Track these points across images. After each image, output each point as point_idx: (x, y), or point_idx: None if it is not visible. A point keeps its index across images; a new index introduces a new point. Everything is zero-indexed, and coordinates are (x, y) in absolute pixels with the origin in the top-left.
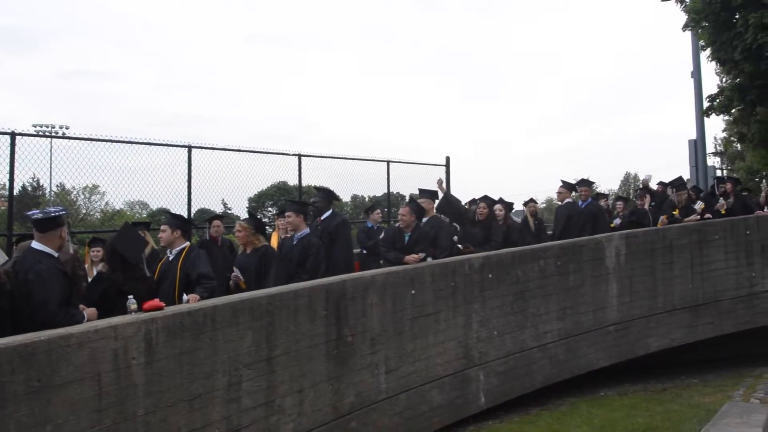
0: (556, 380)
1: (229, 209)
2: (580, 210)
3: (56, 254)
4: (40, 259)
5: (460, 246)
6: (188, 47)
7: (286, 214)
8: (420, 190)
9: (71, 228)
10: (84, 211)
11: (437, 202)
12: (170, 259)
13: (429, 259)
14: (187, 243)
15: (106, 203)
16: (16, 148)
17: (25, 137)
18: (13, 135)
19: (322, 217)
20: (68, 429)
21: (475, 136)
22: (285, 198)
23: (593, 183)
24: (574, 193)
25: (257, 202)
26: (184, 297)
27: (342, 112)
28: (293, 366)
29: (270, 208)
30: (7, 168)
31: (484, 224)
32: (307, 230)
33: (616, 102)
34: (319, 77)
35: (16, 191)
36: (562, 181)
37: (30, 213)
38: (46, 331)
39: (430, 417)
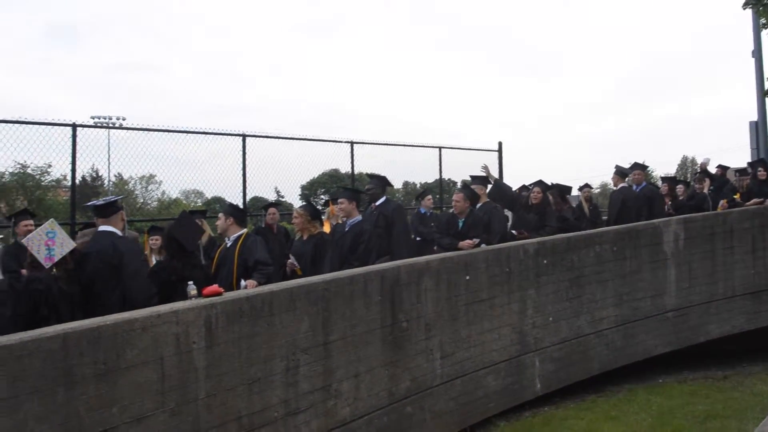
0: (612, 367)
1: (282, 197)
2: (635, 194)
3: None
4: (113, 240)
5: (513, 232)
6: (229, 36)
7: (339, 200)
8: (472, 176)
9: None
10: (141, 201)
11: (489, 188)
12: (228, 246)
13: (483, 245)
14: (244, 230)
15: (163, 192)
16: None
17: (84, 129)
18: (74, 126)
19: (377, 203)
20: (134, 411)
21: (527, 121)
22: (337, 185)
23: (647, 167)
24: (628, 178)
25: (309, 190)
26: (242, 283)
27: (390, 99)
28: (349, 351)
29: (322, 196)
30: (67, 159)
31: (538, 209)
32: (359, 217)
33: (673, 84)
34: (364, 64)
35: (76, 182)
36: (617, 167)
37: (91, 203)
38: (111, 316)
39: (486, 402)
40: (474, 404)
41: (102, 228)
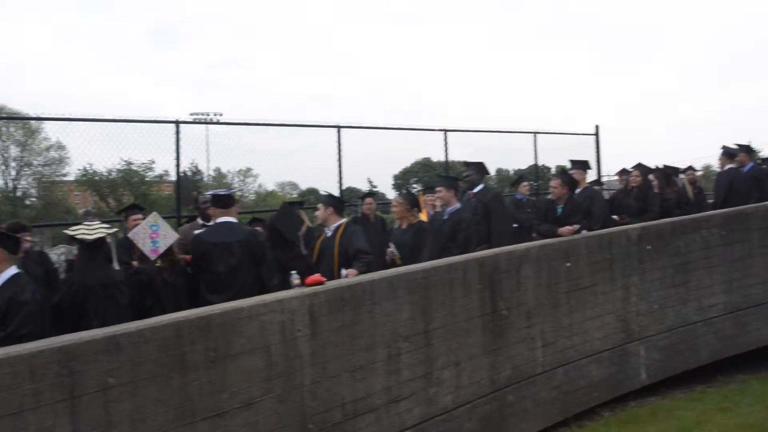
0: (722, 356)
1: (375, 187)
2: (743, 175)
3: None
4: (241, 227)
5: (615, 217)
6: (318, 28)
7: (437, 189)
8: (571, 161)
9: None
10: (239, 193)
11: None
12: (328, 235)
13: (583, 232)
14: (344, 220)
15: (259, 185)
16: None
17: (183, 125)
18: (177, 123)
19: (475, 191)
20: (243, 396)
21: (623, 103)
22: (429, 174)
23: (754, 151)
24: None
25: (402, 179)
26: (343, 272)
27: (481, 87)
28: (450, 339)
29: (415, 185)
30: (169, 155)
31: (639, 194)
32: (457, 205)
33: None
34: (453, 53)
35: (175, 177)
36: (724, 147)
37: (213, 192)
38: (219, 305)
39: (589, 392)
40: (576, 393)
41: (223, 219)
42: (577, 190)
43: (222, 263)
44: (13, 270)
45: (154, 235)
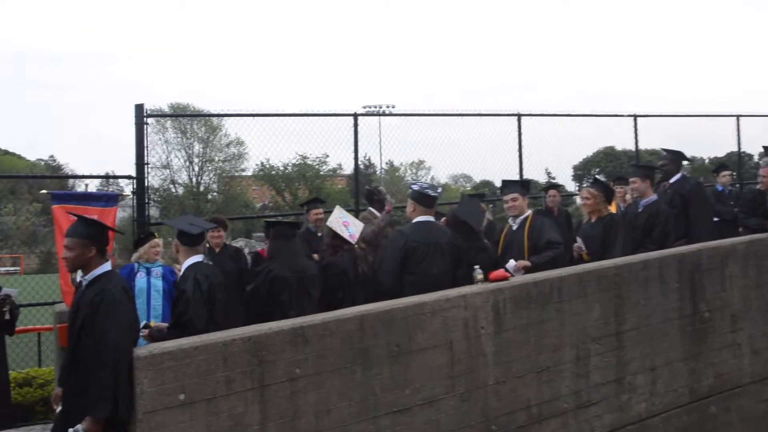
0: None
1: (553, 178)
2: None
3: None
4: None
5: None
6: (488, 15)
7: (631, 179)
8: None
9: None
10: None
11: None
12: (514, 228)
13: None
14: (530, 211)
15: (432, 177)
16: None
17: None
18: (355, 116)
19: (671, 181)
20: (425, 393)
21: None
22: (613, 164)
23: None
24: None
25: (582, 170)
26: (511, 263)
27: (674, 67)
28: (644, 342)
29: (596, 176)
30: (341, 148)
31: None
32: (654, 197)
33: None
34: (641, 29)
35: (350, 170)
36: None
37: (421, 190)
38: (402, 299)
39: None
40: None
41: (424, 218)
42: None
43: (435, 266)
44: (193, 259)
45: (346, 224)
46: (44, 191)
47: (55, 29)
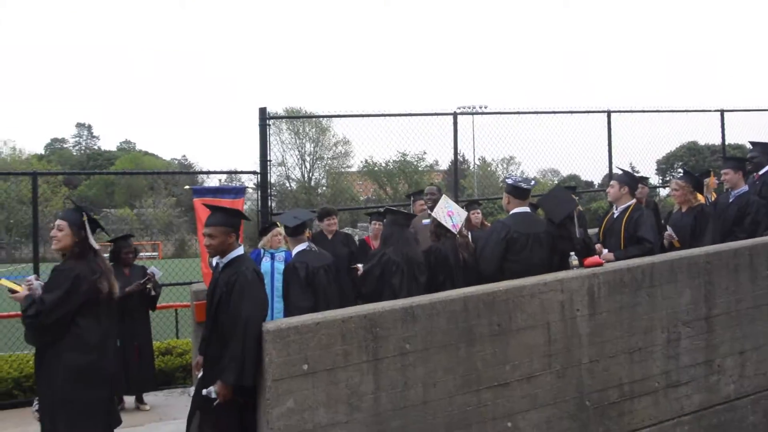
0: None
1: (638, 172)
2: None
3: None
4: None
5: None
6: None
7: (723, 171)
8: None
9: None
10: (502, 181)
11: None
12: (615, 216)
13: None
14: (633, 201)
15: (522, 172)
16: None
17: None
18: (455, 115)
19: (761, 173)
20: (524, 370)
21: None
22: (696, 158)
23: None
24: None
25: (665, 164)
26: (604, 251)
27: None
28: (733, 326)
29: (679, 170)
30: (439, 145)
31: None
32: (745, 188)
33: None
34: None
35: (446, 166)
36: None
37: (514, 183)
38: (502, 282)
39: None
40: None
41: (521, 209)
42: None
43: (535, 255)
44: (299, 247)
45: (450, 212)
46: (187, 187)
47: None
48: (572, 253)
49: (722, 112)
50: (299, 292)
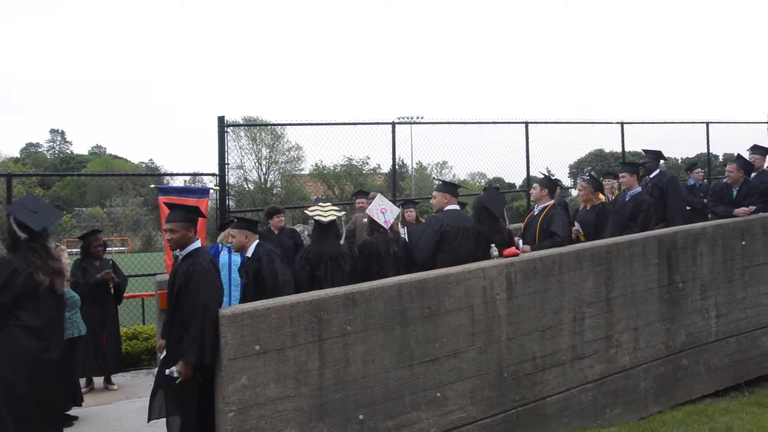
0: None
1: (553, 176)
2: None
3: None
4: (467, 215)
5: None
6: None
7: (621, 174)
8: (754, 145)
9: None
10: (436, 183)
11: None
12: (534, 214)
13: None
14: (551, 202)
15: (453, 175)
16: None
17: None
18: (393, 124)
19: (651, 176)
20: (451, 347)
21: None
22: (602, 164)
23: None
24: None
25: (577, 168)
26: (521, 244)
27: (653, 79)
28: (629, 306)
29: (589, 174)
30: (380, 151)
31: None
32: (639, 188)
33: None
34: (625, 46)
35: (387, 169)
36: None
37: (444, 181)
38: (432, 271)
39: (761, 361)
40: (749, 362)
41: (453, 207)
42: (753, 174)
43: (464, 246)
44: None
45: (384, 210)
46: (152, 186)
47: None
48: (493, 245)
49: (622, 124)
50: (284, 268)
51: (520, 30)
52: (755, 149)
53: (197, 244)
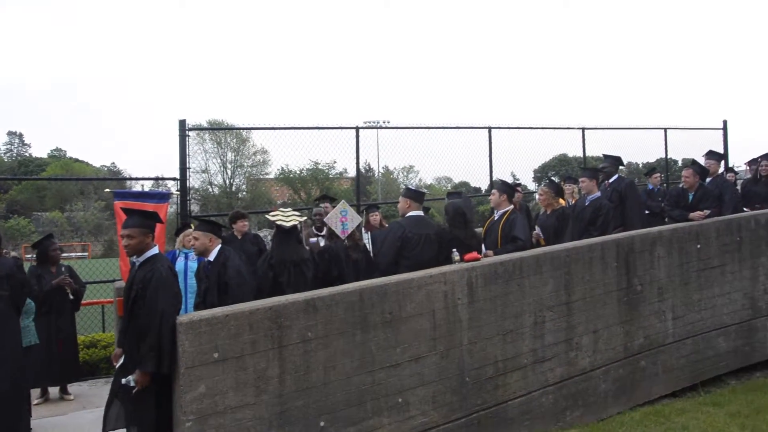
0: None
1: (517, 179)
2: None
3: None
4: (431, 221)
5: (746, 209)
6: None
7: (581, 179)
8: (709, 151)
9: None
10: (402, 187)
11: None
12: (495, 219)
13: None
14: (511, 206)
15: (420, 179)
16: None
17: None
18: (357, 129)
19: (610, 181)
20: (413, 352)
21: (753, 96)
22: (565, 168)
23: None
24: None
25: (541, 173)
26: (483, 251)
27: (618, 84)
28: (589, 310)
29: (553, 178)
30: (347, 155)
31: None
32: (598, 193)
33: None
34: (588, 54)
35: (353, 174)
36: None
37: (411, 187)
38: (394, 276)
39: (716, 361)
40: (705, 362)
41: (416, 213)
42: (708, 179)
43: (425, 252)
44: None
45: (344, 219)
46: (108, 190)
47: (109, 56)
48: (454, 250)
49: (583, 129)
50: (248, 273)
51: (483, 37)
52: (710, 155)
53: (155, 250)
